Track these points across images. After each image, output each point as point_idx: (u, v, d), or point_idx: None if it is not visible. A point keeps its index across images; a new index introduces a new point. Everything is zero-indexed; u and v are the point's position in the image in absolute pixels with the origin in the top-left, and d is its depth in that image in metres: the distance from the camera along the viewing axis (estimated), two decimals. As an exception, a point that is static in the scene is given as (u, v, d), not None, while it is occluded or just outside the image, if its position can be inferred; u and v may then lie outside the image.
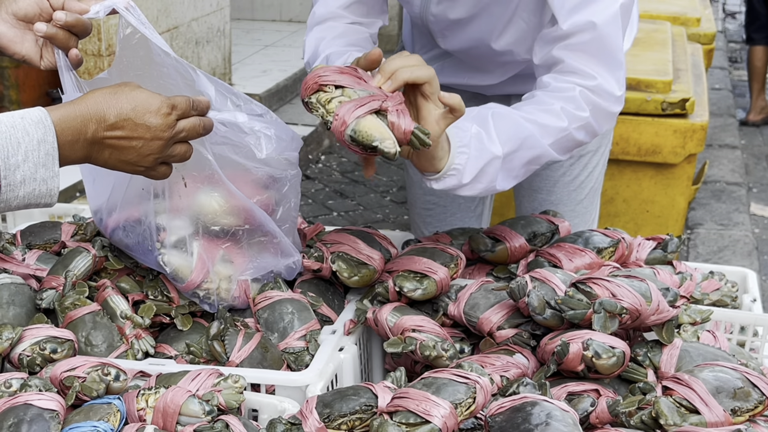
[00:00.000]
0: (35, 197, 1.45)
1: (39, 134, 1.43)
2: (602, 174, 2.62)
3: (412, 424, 1.38)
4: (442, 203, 2.64)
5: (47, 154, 1.43)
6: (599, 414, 1.54)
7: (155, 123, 1.55)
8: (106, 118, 1.51)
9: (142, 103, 1.54)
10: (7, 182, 1.41)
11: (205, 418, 1.49)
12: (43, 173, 1.43)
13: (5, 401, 1.44)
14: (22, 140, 1.41)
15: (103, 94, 1.53)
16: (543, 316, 1.71)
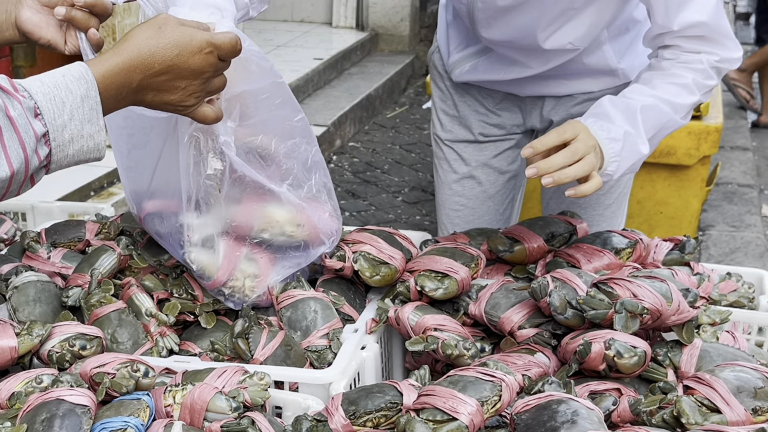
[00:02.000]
0: (84, 153, 1.45)
1: (82, 90, 1.42)
2: (631, 179, 2.61)
3: (439, 421, 1.40)
4: (471, 205, 2.65)
5: (91, 110, 1.43)
6: (621, 413, 1.55)
7: (199, 64, 1.55)
8: (152, 66, 1.50)
9: (186, 45, 1.52)
10: (56, 143, 1.41)
11: (231, 414, 1.51)
12: (89, 129, 1.43)
13: (37, 396, 1.46)
14: (66, 99, 1.41)
15: (145, 37, 1.51)
16: (564, 315, 1.73)
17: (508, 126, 2.57)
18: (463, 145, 2.60)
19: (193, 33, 1.55)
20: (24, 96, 1.38)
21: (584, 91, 2.45)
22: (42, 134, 1.39)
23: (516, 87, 2.48)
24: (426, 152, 6.58)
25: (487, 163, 2.60)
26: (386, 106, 7.61)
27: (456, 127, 2.59)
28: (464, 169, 2.62)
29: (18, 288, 1.89)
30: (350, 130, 6.90)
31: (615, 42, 2.36)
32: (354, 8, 8.49)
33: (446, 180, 2.67)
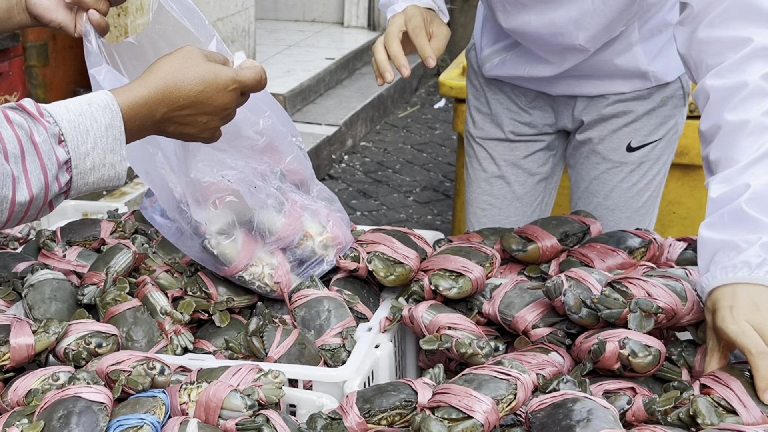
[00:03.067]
0: (104, 181, 1.46)
1: (107, 120, 1.44)
2: (663, 183, 2.59)
3: (455, 420, 1.40)
4: (498, 205, 2.64)
5: (115, 140, 1.44)
6: (635, 412, 1.55)
7: (223, 101, 1.57)
8: (176, 100, 1.52)
9: (212, 82, 1.54)
10: (77, 171, 1.42)
11: (246, 412, 1.52)
12: (111, 158, 1.44)
13: (54, 394, 1.47)
14: (90, 127, 1.42)
15: (171, 70, 1.52)
16: (579, 315, 1.73)
17: (540, 125, 2.56)
18: (493, 143, 2.59)
19: (218, 70, 1.56)
20: (49, 122, 1.39)
21: (616, 91, 2.44)
22: (64, 161, 1.40)
23: (547, 86, 2.47)
24: (438, 152, 6.58)
25: (517, 164, 2.60)
26: (398, 106, 7.61)
27: (488, 124, 2.59)
28: (493, 168, 2.62)
29: (34, 286, 1.90)
30: (362, 129, 6.90)
31: (646, 44, 2.34)
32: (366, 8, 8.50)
33: (475, 178, 2.66)
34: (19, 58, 4.66)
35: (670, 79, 2.43)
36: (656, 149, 2.50)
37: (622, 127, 2.47)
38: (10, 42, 4.50)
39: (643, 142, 2.49)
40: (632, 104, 2.44)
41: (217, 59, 1.59)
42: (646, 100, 2.44)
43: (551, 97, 2.51)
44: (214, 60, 1.58)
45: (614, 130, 2.47)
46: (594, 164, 2.53)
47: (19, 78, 4.67)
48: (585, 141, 2.53)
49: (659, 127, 2.48)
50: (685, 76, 2.47)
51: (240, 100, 1.62)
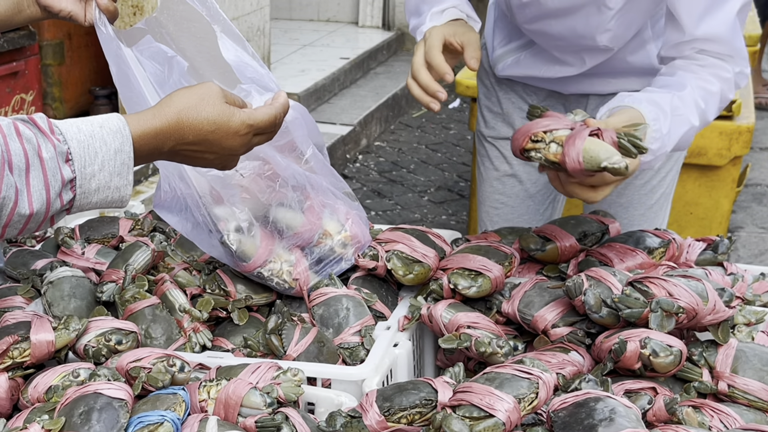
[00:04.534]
0: (107, 203, 1.47)
1: (116, 144, 1.44)
2: (675, 180, 2.59)
3: (476, 418, 1.40)
4: (511, 203, 2.64)
5: (123, 164, 1.45)
6: (656, 412, 1.54)
7: (231, 145, 1.57)
8: (185, 137, 1.53)
9: (223, 125, 1.54)
10: (81, 190, 1.42)
11: (266, 410, 1.52)
12: (117, 182, 1.45)
13: (75, 390, 1.47)
14: (99, 150, 1.42)
15: (186, 107, 1.53)
16: (599, 314, 1.72)
17: None
18: (505, 143, 2.60)
19: (232, 113, 1.56)
20: (59, 139, 1.39)
21: (629, 89, 2.43)
22: (69, 180, 1.41)
23: (560, 84, 2.47)
24: (452, 152, 6.58)
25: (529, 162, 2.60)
26: (412, 106, 7.60)
27: (499, 124, 2.59)
28: (505, 167, 2.62)
29: (53, 283, 1.91)
30: (376, 129, 6.90)
31: (659, 41, 2.34)
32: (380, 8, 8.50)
33: (487, 177, 2.66)
34: (35, 56, 4.67)
35: None
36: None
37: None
38: (26, 41, 4.51)
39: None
40: None
41: (234, 101, 1.59)
42: None
43: (563, 96, 2.51)
44: (232, 102, 1.58)
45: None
46: None
47: (35, 76, 4.68)
48: None
49: None
50: None
51: (254, 141, 1.61)
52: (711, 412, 1.56)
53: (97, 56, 5.08)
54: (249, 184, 1.84)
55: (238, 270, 1.93)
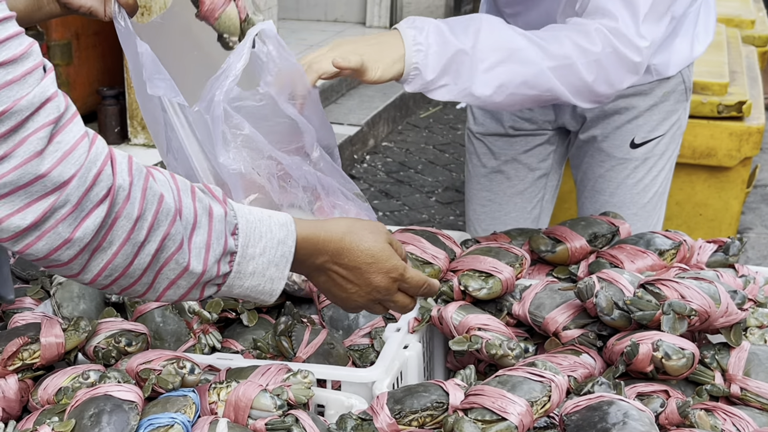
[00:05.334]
0: (257, 291, 1.45)
1: (281, 235, 1.44)
2: (669, 178, 2.59)
3: (488, 421, 1.39)
4: (498, 200, 2.64)
5: (282, 256, 1.44)
6: (669, 415, 1.54)
7: (378, 282, 1.55)
8: (341, 258, 1.52)
9: (380, 261, 1.54)
10: (238, 268, 1.41)
11: (276, 412, 1.51)
12: (273, 272, 1.44)
13: (85, 392, 1.47)
14: (264, 235, 1.43)
15: (355, 232, 1.54)
16: (611, 316, 1.71)
17: (540, 121, 2.57)
18: (493, 139, 2.60)
19: (392, 255, 1.55)
20: (229, 211, 1.40)
21: None
22: (230, 252, 1.39)
23: None
24: (460, 152, 6.57)
25: (516, 158, 2.60)
26: (420, 106, 7.59)
27: (488, 120, 2.59)
28: (493, 163, 2.62)
29: (62, 284, 1.91)
30: (384, 129, 6.89)
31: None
32: (388, 8, 8.49)
33: (475, 174, 2.67)
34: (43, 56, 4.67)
35: (671, 74, 2.43)
36: (660, 145, 2.50)
37: (625, 123, 2.47)
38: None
39: (647, 138, 2.49)
40: (634, 100, 2.44)
41: (398, 250, 1.59)
42: (648, 96, 2.44)
43: None
44: (396, 248, 1.58)
45: (617, 126, 2.48)
46: (598, 162, 2.54)
47: (43, 77, 4.68)
48: (588, 140, 2.53)
49: (662, 123, 2.48)
50: (687, 71, 2.48)
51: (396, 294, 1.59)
52: (723, 415, 1.55)
53: (104, 56, 5.08)
54: (264, 183, 1.83)
55: (247, 271, 1.92)
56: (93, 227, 1.25)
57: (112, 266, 1.30)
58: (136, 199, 1.28)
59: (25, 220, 1.20)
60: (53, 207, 1.21)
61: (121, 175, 1.27)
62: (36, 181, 1.19)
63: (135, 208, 1.28)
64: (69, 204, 1.22)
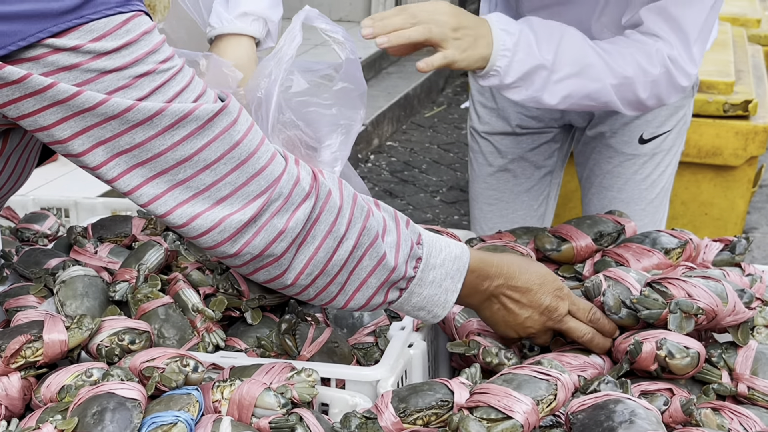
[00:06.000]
0: (432, 303, 1.52)
1: (457, 251, 1.52)
2: (673, 175, 2.60)
3: (494, 420, 1.38)
4: (505, 199, 2.63)
5: (458, 270, 1.51)
6: (673, 413, 1.52)
7: (549, 304, 1.62)
8: (514, 280, 1.59)
9: (547, 282, 1.62)
10: (421, 276, 1.48)
11: (280, 410, 1.50)
12: (448, 284, 1.50)
13: (88, 390, 1.46)
14: (444, 248, 1.51)
15: (520, 261, 1.63)
16: (619, 315, 1.70)
17: (546, 119, 2.56)
18: (500, 137, 2.59)
19: (557, 279, 1.66)
20: (411, 223, 1.50)
21: None
22: (416, 257, 1.48)
23: None
24: (464, 152, 6.56)
25: (523, 156, 2.59)
26: (424, 106, 7.59)
27: (494, 119, 2.58)
28: (500, 162, 2.61)
29: (65, 282, 1.90)
30: (388, 129, 6.88)
31: None
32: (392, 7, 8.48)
33: (481, 173, 2.66)
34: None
35: None
36: (667, 140, 2.50)
37: (633, 119, 2.47)
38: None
39: (655, 134, 2.49)
40: None
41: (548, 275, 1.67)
42: None
43: None
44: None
45: (625, 123, 2.47)
46: (606, 158, 2.53)
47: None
48: (596, 136, 2.53)
49: (670, 118, 2.48)
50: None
51: (565, 318, 1.65)
52: (730, 414, 1.54)
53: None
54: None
55: (251, 270, 1.92)
56: (303, 218, 1.35)
57: (315, 261, 1.40)
58: (336, 194, 1.39)
59: (245, 215, 1.31)
60: (269, 200, 1.32)
61: (319, 174, 1.38)
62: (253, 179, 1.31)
63: (336, 202, 1.38)
64: (282, 197, 1.33)
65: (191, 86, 1.30)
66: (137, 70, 1.24)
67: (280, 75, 1.80)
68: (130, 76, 1.24)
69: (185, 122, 1.27)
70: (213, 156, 1.29)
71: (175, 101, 1.27)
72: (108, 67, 1.22)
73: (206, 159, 1.29)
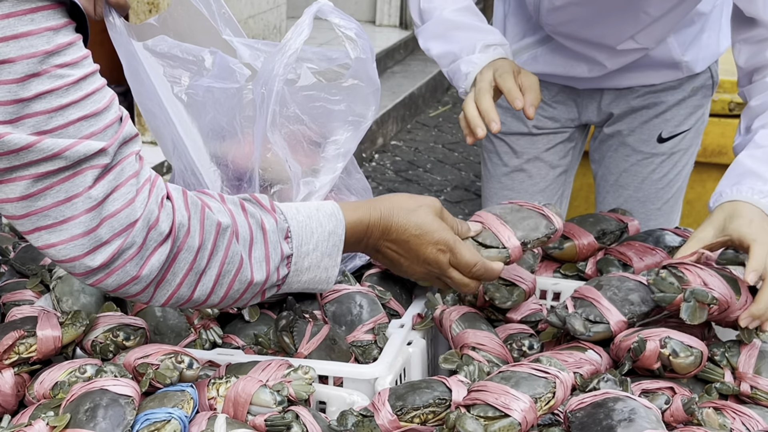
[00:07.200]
0: (314, 283, 1.51)
1: (330, 226, 1.49)
2: (689, 175, 2.58)
3: (491, 418, 1.36)
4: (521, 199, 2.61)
5: (334, 246, 1.49)
6: (674, 412, 1.50)
7: (427, 255, 1.58)
8: (390, 234, 1.56)
9: (429, 233, 1.56)
10: (295, 267, 1.47)
11: (275, 408, 1.48)
12: (327, 262, 1.49)
13: (81, 386, 1.44)
14: (315, 230, 1.47)
15: (401, 208, 1.57)
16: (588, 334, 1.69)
17: (563, 120, 2.54)
18: (515, 138, 2.57)
19: (441, 228, 1.58)
20: (280, 218, 1.45)
21: (646, 83, 2.42)
22: (287, 256, 1.45)
23: (574, 79, 2.43)
24: (469, 151, 6.54)
25: (539, 157, 2.57)
26: (429, 105, 7.57)
27: (509, 119, 2.55)
28: (515, 162, 2.58)
29: (62, 278, 1.88)
30: (393, 128, 6.87)
31: (679, 35, 2.32)
32: (398, 6, 8.47)
33: (495, 174, 2.63)
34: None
35: (700, 69, 2.43)
36: (686, 139, 2.49)
37: (652, 118, 2.45)
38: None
39: (674, 133, 2.48)
40: (663, 95, 2.43)
41: (453, 225, 1.63)
42: (677, 90, 2.43)
43: (575, 90, 2.48)
44: (450, 224, 1.62)
45: (645, 121, 2.45)
46: (623, 156, 2.51)
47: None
48: (613, 134, 2.51)
49: (689, 117, 2.47)
50: (715, 66, 2.47)
51: (448, 270, 1.61)
52: (733, 413, 1.52)
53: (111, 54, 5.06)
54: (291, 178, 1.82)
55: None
56: (158, 264, 1.32)
57: (178, 296, 1.38)
58: (196, 231, 1.34)
59: (95, 262, 1.28)
60: (121, 249, 1.28)
61: (180, 211, 1.33)
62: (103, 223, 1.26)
63: (195, 241, 1.34)
64: (135, 245, 1.29)
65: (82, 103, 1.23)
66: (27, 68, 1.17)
67: (281, 69, 1.78)
68: (20, 72, 1.17)
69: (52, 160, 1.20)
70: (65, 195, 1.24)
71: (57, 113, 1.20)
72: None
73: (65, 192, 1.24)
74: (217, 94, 1.86)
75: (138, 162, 1.31)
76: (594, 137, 2.63)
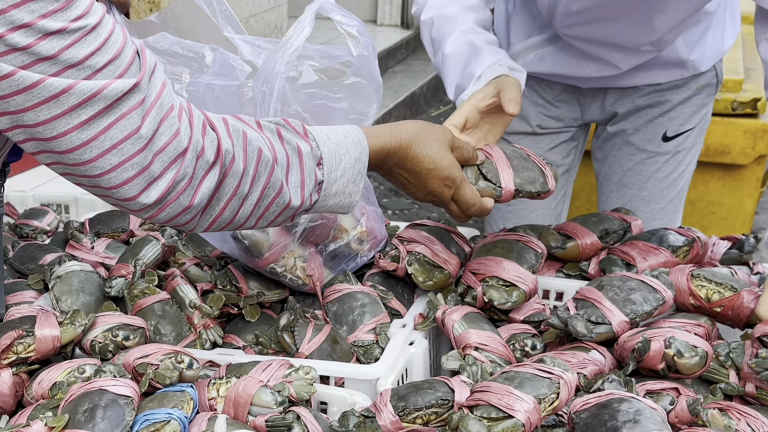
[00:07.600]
0: (338, 207, 1.57)
1: (356, 153, 1.55)
2: (692, 174, 2.57)
3: (494, 419, 1.34)
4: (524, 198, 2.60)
5: (358, 172, 1.56)
6: (679, 413, 1.49)
7: (433, 188, 1.68)
8: (405, 163, 1.65)
9: (440, 168, 1.66)
10: (324, 194, 1.53)
11: (276, 408, 1.47)
12: (351, 188, 1.56)
13: (80, 386, 1.43)
14: (343, 157, 1.54)
15: (419, 138, 1.65)
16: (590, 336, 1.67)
17: (566, 119, 2.52)
18: (519, 137, 2.55)
19: (451, 164, 1.68)
20: (313, 145, 1.51)
21: (652, 82, 2.41)
22: (318, 182, 1.52)
23: (580, 79, 2.42)
24: (470, 151, 6.52)
25: (542, 156, 2.55)
26: (430, 105, 7.56)
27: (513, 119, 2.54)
28: None
29: (61, 277, 1.87)
30: (394, 128, 6.85)
31: (686, 34, 2.32)
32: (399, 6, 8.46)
33: None
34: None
35: (705, 68, 2.42)
36: (690, 138, 2.48)
37: (657, 116, 2.44)
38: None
39: (679, 131, 2.47)
40: (668, 94, 2.43)
41: (459, 150, 1.72)
42: (682, 89, 2.43)
43: (579, 90, 2.46)
44: (457, 150, 1.71)
45: (650, 120, 2.44)
46: (627, 155, 2.50)
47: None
48: (617, 132, 2.50)
49: (693, 116, 2.46)
50: (720, 64, 2.47)
51: (449, 204, 1.72)
52: (737, 414, 1.50)
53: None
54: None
55: (250, 266, 1.89)
56: (208, 192, 1.38)
57: (220, 220, 1.44)
58: (240, 157, 1.40)
59: (150, 198, 1.32)
60: (174, 181, 1.33)
61: (224, 139, 1.38)
62: (156, 157, 1.30)
63: (240, 166, 1.40)
64: (186, 177, 1.34)
65: (105, 48, 1.25)
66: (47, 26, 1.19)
67: (282, 67, 1.77)
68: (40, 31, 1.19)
69: (93, 102, 1.23)
70: (120, 135, 1.27)
71: (85, 64, 1.22)
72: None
73: (113, 138, 1.27)
74: (218, 92, 1.85)
75: (172, 93, 1.34)
76: (596, 136, 2.61)
